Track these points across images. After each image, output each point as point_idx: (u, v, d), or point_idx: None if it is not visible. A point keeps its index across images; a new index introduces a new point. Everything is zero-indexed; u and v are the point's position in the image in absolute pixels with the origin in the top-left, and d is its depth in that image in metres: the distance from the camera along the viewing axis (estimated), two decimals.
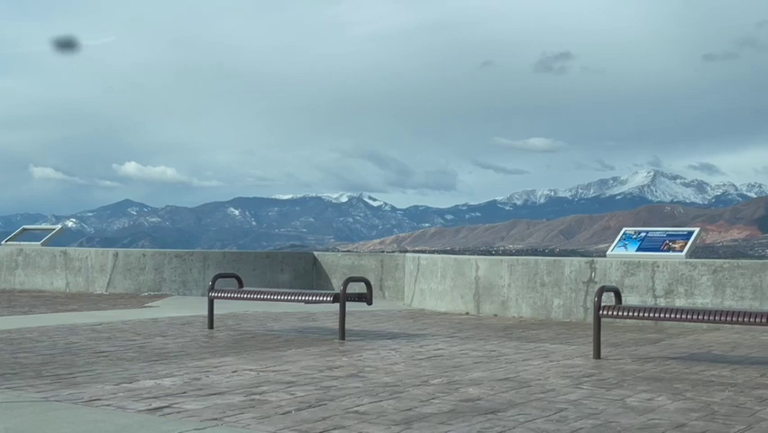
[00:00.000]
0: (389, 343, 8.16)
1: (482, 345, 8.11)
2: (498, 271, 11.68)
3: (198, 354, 7.18)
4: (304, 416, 4.66)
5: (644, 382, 5.99)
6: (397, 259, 15.13)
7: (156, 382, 5.69)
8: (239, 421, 4.51)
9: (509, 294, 11.51)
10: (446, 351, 7.58)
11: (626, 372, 6.46)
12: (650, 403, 5.15)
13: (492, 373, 6.26)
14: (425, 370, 6.41)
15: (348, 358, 7.03)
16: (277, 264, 15.71)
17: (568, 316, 10.97)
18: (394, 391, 5.48)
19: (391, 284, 14.96)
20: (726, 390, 5.66)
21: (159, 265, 14.85)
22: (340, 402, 5.05)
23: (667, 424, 4.55)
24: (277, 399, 5.14)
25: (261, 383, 5.69)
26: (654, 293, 10.45)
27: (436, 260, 12.95)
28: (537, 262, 11.51)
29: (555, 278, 11.14)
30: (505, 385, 5.74)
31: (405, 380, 5.92)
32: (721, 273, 10.10)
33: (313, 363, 6.72)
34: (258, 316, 10.79)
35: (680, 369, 6.63)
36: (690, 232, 11.30)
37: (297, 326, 9.69)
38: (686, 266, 10.36)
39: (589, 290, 10.78)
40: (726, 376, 6.27)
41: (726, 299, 10.00)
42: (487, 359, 7.06)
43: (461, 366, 6.62)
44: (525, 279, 11.39)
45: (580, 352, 7.64)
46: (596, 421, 4.60)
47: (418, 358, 7.07)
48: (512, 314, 11.41)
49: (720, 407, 5.05)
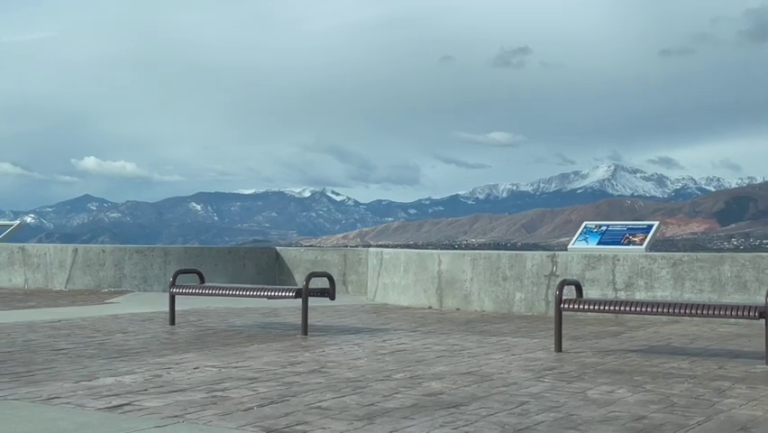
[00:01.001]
0: (352, 338, 8.15)
1: (445, 339, 8.14)
2: (461, 265, 11.72)
3: (159, 350, 7.12)
4: (266, 412, 4.63)
5: (605, 374, 6.04)
6: (360, 253, 15.13)
7: (116, 380, 5.63)
8: (200, 418, 4.48)
9: (472, 288, 11.55)
10: (409, 345, 7.59)
11: (586, 364, 6.51)
12: (610, 396, 5.20)
13: (455, 368, 6.28)
14: (388, 365, 6.41)
15: (310, 354, 7.01)
16: (239, 260, 15.63)
17: (530, 309, 11.04)
18: (357, 386, 5.47)
19: (354, 279, 14.95)
20: (685, 382, 5.73)
21: (119, 261, 14.71)
22: (302, 398, 5.04)
23: (627, 416, 4.59)
24: (239, 395, 5.11)
25: (223, 380, 5.66)
26: (615, 286, 10.55)
27: (399, 254, 12.96)
28: (499, 256, 11.57)
29: (517, 272, 11.20)
30: (467, 379, 5.76)
31: (367, 375, 5.91)
32: (680, 266, 10.22)
33: (275, 358, 6.70)
34: (220, 311, 10.73)
35: (640, 361, 6.70)
36: (649, 225, 11.42)
37: (259, 321, 9.65)
38: (646, 259, 10.47)
39: (551, 283, 10.86)
40: (685, 368, 6.35)
41: (686, 292, 10.12)
42: (449, 353, 7.08)
43: (424, 361, 6.63)
44: (487, 273, 11.44)
45: (542, 345, 7.69)
46: (557, 414, 4.63)
47: (381, 353, 7.07)
48: (474, 308, 11.45)
49: (679, 399, 5.11)
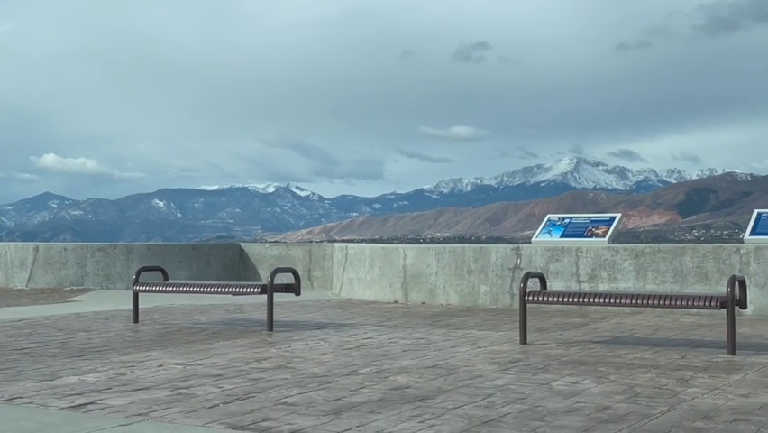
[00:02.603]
0: (318, 333, 8.14)
1: (410, 333, 8.15)
2: (426, 259, 11.74)
3: (123, 348, 7.06)
4: (232, 409, 4.61)
5: (569, 366, 6.09)
6: (326, 249, 15.10)
7: (79, 379, 5.57)
8: (165, 416, 4.45)
9: (437, 282, 11.58)
10: (375, 340, 7.59)
11: (551, 356, 6.56)
12: (575, 387, 5.24)
13: (421, 361, 6.30)
14: (354, 359, 6.41)
15: (276, 349, 6.99)
16: (203, 256, 15.54)
17: (495, 302, 11.09)
18: (323, 381, 5.46)
19: (319, 274, 14.92)
20: (648, 372, 5.79)
21: (81, 259, 14.56)
22: (268, 394, 5.02)
23: (592, 407, 4.63)
24: (204, 392, 5.09)
25: (188, 377, 5.62)
26: (578, 278, 10.63)
27: (364, 249, 12.96)
28: (464, 249, 11.61)
29: (482, 265, 11.25)
30: (433, 373, 5.77)
31: (334, 370, 5.91)
32: (643, 258, 10.32)
33: (241, 355, 6.67)
34: (184, 309, 10.66)
35: (603, 352, 6.76)
36: (612, 218, 11.52)
37: (224, 318, 9.60)
38: (609, 251, 10.56)
39: (515, 276, 10.92)
40: (648, 359, 6.41)
41: (648, 283, 10.23)
42: (415, 347, 7.10)
43: (390, 355, 6.64)
44: (452, 266, 11.47)
45: (507, 338, 7.73)
46: (523, 406, 4.66)
47: (347, 348, 7.07)
48: (440, 301, 11.48)
49: (643, 389, 5.16)
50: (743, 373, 5.73)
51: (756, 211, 10.63)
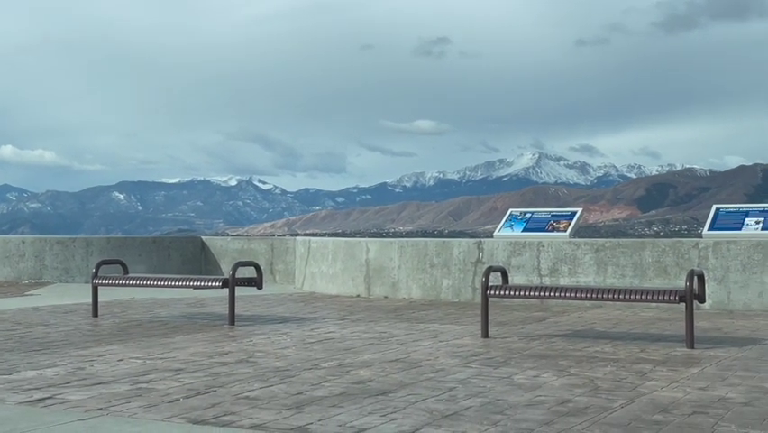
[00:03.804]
0: (280, 327, 8.11)
1: (373, 326, 8.15)
2: (389, 253, 11.75)
3: (82, 342, 6.98)
4: (193, 403, 4.58)
5: (531, 359, 6.12)
6: (288, 242, 15.06)
7: (38, 373, 5.50)
8: (125, 411, 4.41)
9: (400, 276, 11.60)
10: (337, 334, 7.58)
11: (513, 350, 6.60)
12: (536, 380, 5.27)
13: (383, 355, 6.30)
14: (316, 353, 6.39)
15: (238, 343, 6.95)
16: (164, 250, 15.41)
17: (457, 296, 11.13)
18: (285, 375, 5.44)
19: (282, 268, 14.87)
20: (608, 365, 5.84)
21: (39, 252, 14.38)
22: (230, 388, 4.99)
23: (553, 400, 4.66)
24: (165, 387, 5.04)
25: (149, 371, 5.57)
26: (540, 272, 10.70)
27: (327, 243, 12.93)
28: (427, 243, 11.64)
29: (444, 259, 11.28)
30: (395, 366, 5.78)
31: (296, 364, 5.89)
32: (603, 252, 10.41)
33: (202, 349, 6.62)
34: (144, 302, 10.57)
35: (564, 346, 6.81)
36: (573, 212, 11.61)
37: (185, 312, 9.53)
38: (570, 246, 10.64)
39: (477, 270, 10.96)
40: (608, 352, 6.47)
41: (609, 277, 10.32)
42: (377, 341, 7.10)
43: (352, 349, 6.64)
44: (414, 260, 11.49)
45: (469, 331, 7.76)
46: (484, 399, 4.68)
47: (309, 342, 7.05)
48: (402, 295, 11.50)
49: (603, 382, 5.21)
50: (701, 366, 5.80)
51: (715, 206, 10.76)
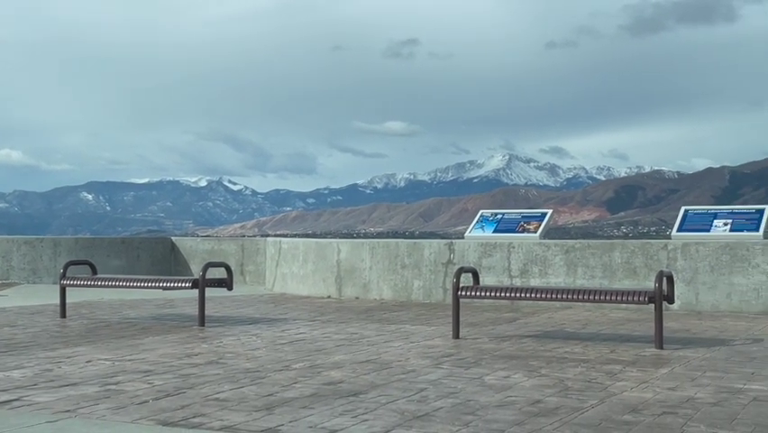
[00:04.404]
0: (250, 328, 8.07)
1: (344, 327, 8.13)
2: (360, 254, 11.73)
3: (50, 344, 6.90)
4: (162, 405, 4.54)
5: (501, 360, 6.14)
6: (258, 243, 15.00)
7: (4, 375, 5.42)
8: (93, 413, 4.36)
9: (371, 277, 11.59)
10: (308, 335, 7.56)
11: (483, 351, 6.61)
12: (507, 381, 5.28)
13: (354, 356, 6.28)
14: (287, 354, 6.37)
15: (208, 345, 6.91)
16: (133, 250, 15.30)
17: (428, 297, 11.14)
18: (255, 376, 5.41)
19: (252, 269, 14.81)
20: (578, 366, 5.87)
21: (6, 253, 14.21)
22: (199, 390, 4.95)
23: (523, 401, 4.67)
24: (133, 388, 5.00)
25: (117, 373, 5.52)
26: (510, 273, 10.74)
27: (298, 244, 12.90)
28: (398, 244, 11.64)
29: (415, 260, 11.29)
30: (366, 367, 5.77)
31: (266, 365, 5.86)
32: (573, 253, 10.47)
33: (171, 350, 6.57)
34: (113, 303, 10.48)
35: (534, 347, 6.83)
36: (543, 214, 11.66)
37: (154, 313, 9.46)
38: (540, 247, 10.68)
39: (448, 271, 10.98)
40: (578, 353, 6.50)
41: (578, 278, 10.38)
42: (348, 342, 7.08)
43: (323, 350, 6.62)
44: (386, 261, 11.49)
45: (440, 332, 7.77)
46: (455, 400, 4.68)
47: (280, 343, 7.02)
48: (373, 296, 11.49)
49: (573, 383, 5.23)
50: (670, 366, 5.84)
51: (684, 208, 10.86)
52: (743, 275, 9.54)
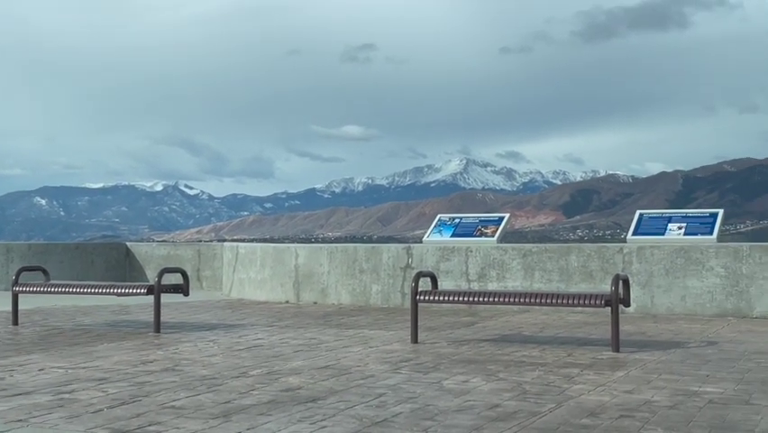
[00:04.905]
0: (207, 334, 7.99)
1: (302, 333, 8.09)
2: (318, 258, 11.69)
3: (1, 352, 6.77)
4: (117, 413, 4.46)
5: (460, 364, 6.14)
6: (215, 248, 14.89)
7: None
8: (46, 422, 4.27)
9: (329, 281, 11.55)
10: (266, 340, 7.50)
11: (442, 355, 6.60)
12: (465, 385, 5.28)
13: (312, 362, 6.24)
14: (244, 361, 6.31)
15: (163, 352, 6.82)
16: (87, 256, 15.10)
17: (386, 301, 11.12)
18: (212, 383, 5.35)
19: (209, 274, 14.69)
20: (536, 369, 5.88)
21: None
22: (155, 398, 4.88)
23: (482, 405, 4.67)
24: (88, 397, 4.91)
25: (71, 381, 5.42)
26: (468, 277, 10.76)
27: (255, 249, 12.81)
28: (356, 249, 11.61)
29: (374, 264, 11.27)
30: (325, 373, 5.73)
31: (223, 372, 5.80)
32: (530, 257, 10.52)
33: (126, 357, 6.48)
34: (67, 310, 10.32)
35: (492, 351, 6.84)
36: (500, 218, 11.71)
37: (109, 319, 9.34)
38: (497, 251, 10.72)
39: (407, 275, 10.98)
40: (536, 356, 6.53)
41: (536, 282, 10.43)
42: (307, 347, 7.04)
43: (281, 356, 6.57)
44: (344, 266, 11.46)
45: (399, 337, 7.75)
46: (414, 405, 4.66)
47: (237, 349, 6.96)
48: (332, 301, 11.45)
49: (531, 386, 5.24)
50: (627, 369, 5.88)
51: (639, 212, 10.97)
52: (697, 278, 9.66)
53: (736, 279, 9.50)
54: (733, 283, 9.50)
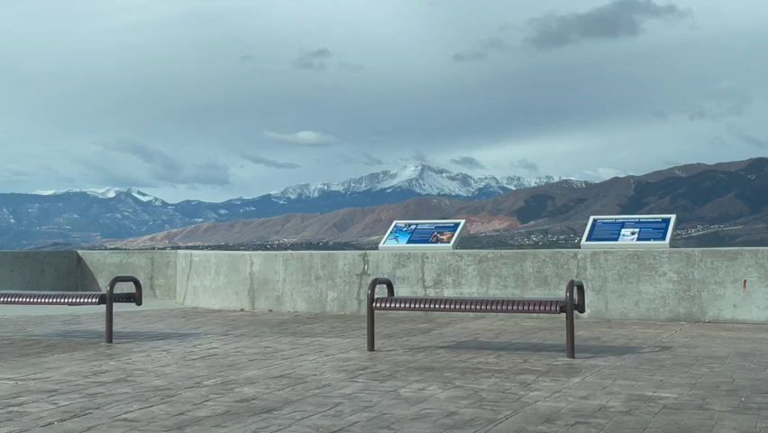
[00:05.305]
0: (160, 344, 7.88)
1: (257, 341, 8.02)
2: (273, 265, 11.61)
3: None
4: (68, 427, 4.37)
5: (416, 372, 6.12)
6: (169, 256, 14.72)
7: None
8: None
9: (284, 289, 11.48)
10: (220, 350, 7.42)
11: (398, 363, 6.58)
12: (422, 393, 5.26)
13: (267, 371, 6.19)
14: (199, 371, 6.23)
15: (116, 362, 6.71)
16: (37, 264, 14.84)
17: (342, 309, 11.08)
18: (165, 394, 5.27)
19: (163, 282, 14.53)
20: (492, 376, 5.89)
21: None
22: (107, 410, 4.79)
23: (439, 413, 4.65)
24: (38, 409, 4.80)
25: (20, 393, 5.31)
26: (424, 284, 10.76)
27: (210, 256, 12.70)
28: (312, 255, 11.55)
29: (330, 271, 11.22)
30: (280, 383, 5.68)
31: (177, 382, 5.72)
32: (486, 263, 10.55)
33: (77, 368, 6.36)
34: (16, 320, 10.13)
35: (449, 358, 6.84)
36: (456, 224, 11.73)
37: (60, 329, 9.17)
38: (453, 257, 10.74)
39: (363, 282, 10.95)
40: (492, 363, 6.53)
41: (491, 288, 10.46)
42: (262, 356, 6.98)
43: (236, 365, 6.50)
44: (299, 273, 11.39)
45: (355, 345, 7.72)
46: (371, 414, 4.63)
47: (191, 359, 6.87)
48: (287, 309, 11.38)
49: (488, 393, 5.24)
50: (582, 375, 5.91)
51: (592, 217, 11.06)
52: (650, 283, 9.76)
53: (689, 284, 9.61)
54: (685, 288, 9.62)
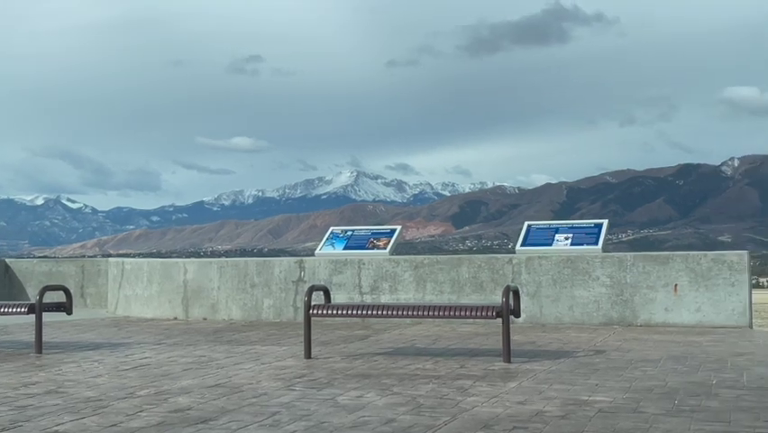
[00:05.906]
0: (92, 354, 7.72)
1: (191, 350, 7.90)
2: (208, 273, 11.47)
3: None
4: None
5: (354, 379, 6.09)
6: (100, 264, 14.45)
7: None
8: None
9: (219, 296, 11.35)
10: (153, 359, 7.29)
11: (336, 370, 6.54)
12: (360, 400, 5.23)
13: (202, 380, 6.09)
14: (131, 381, 6.11)
15: (46, 373, 6.55)
16: None
17: (278, 316, 11.00)
18: (97, 405, 5.15)
19: (93, 291, 14.25)
20: (430, 382, 5.88)
21: None
22: (37, 422, 4.66)
23: (377, 420, 4.63)
24: None
25: None
26: (361, 290, 10.74)
27: (142, 264, 12.50)
28: (247, 263, 11.45)
29: (265, 278, 11.13)
30: (216, 392, 5.60)
31: (109, 393, 5.60)
32: (422, 269, 10.57)
33: (6, 380, 6.19)
34: None
35: (386, 364, 6.82)
36: (392, 230, 11.74)
37: None
38: (390, 263, 10.74)
39: (299, 289, 10.88)
40: (429, 369, 6.53)
41: (428, 294, 10.49)
42: (196, 365, 6.87)
43: (170, 375, 6.39)
44: (234, 280, 11.28)
45: (292, 352, 7.65)
46: (308, 423, 4.59)
47: (123, 369, 6.74)
48: (222, 317, 11.25)
49: (426, 400, 5.23)
50: (518, 380, 5.94)
51: (527, 223, 11.15)
52: (584, 288, 9.89)
53: (621, 288, 9.76)
54: (618, 292, 9.76)
